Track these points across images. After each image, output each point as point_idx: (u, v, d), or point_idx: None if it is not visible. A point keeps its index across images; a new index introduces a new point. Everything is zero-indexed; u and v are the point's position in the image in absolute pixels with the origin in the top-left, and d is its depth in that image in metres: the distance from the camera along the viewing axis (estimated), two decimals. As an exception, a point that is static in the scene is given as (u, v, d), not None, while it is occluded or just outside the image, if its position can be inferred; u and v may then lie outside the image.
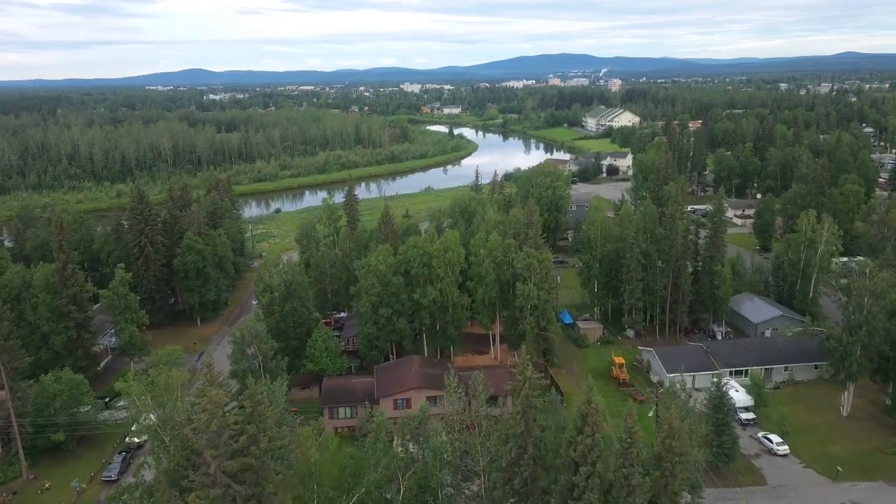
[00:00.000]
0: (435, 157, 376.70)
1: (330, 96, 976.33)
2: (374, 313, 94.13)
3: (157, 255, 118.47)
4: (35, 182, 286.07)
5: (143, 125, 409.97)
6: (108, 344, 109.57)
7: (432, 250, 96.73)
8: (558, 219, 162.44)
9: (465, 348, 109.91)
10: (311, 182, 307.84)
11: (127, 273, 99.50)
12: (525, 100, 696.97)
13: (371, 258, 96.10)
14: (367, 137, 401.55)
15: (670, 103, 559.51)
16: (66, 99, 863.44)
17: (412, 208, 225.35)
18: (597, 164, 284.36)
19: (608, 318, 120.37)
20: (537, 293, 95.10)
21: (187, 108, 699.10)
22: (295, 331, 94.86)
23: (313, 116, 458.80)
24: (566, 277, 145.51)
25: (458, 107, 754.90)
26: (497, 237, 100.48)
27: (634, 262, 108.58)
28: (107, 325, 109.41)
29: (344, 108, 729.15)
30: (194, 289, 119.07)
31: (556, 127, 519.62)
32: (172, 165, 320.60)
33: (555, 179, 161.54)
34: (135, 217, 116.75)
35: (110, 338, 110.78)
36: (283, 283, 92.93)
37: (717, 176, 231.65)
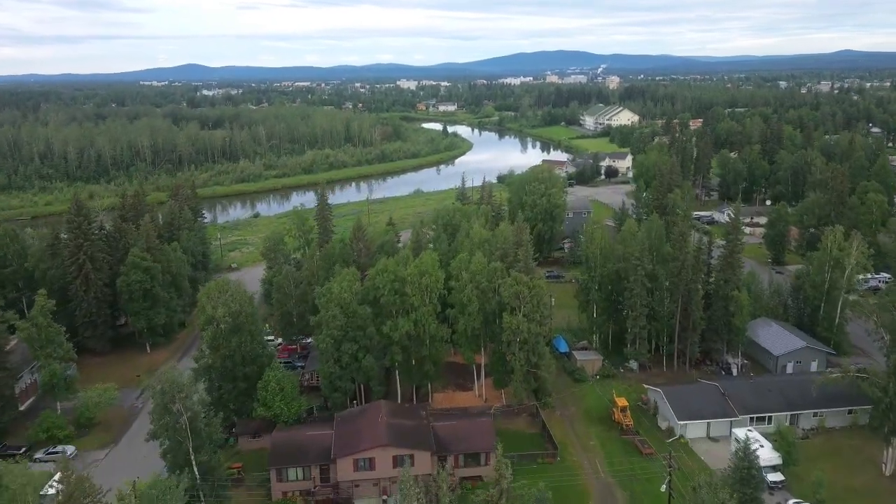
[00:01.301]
0: (427, 157, 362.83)
1: (325, 92, 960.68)
2: (337, 350, 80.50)
3: (98, 273, 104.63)
4: (4, 182, 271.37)
5: (128, 122, 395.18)
6: (36, 379, 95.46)
7: (406, 275, 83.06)
8: (553, 228, 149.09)
9: (445, 382, 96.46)
10: (296, 183, 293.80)
11: (49, 300, 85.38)
12: (522, 97, 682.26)
13: (334, 285, 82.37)
14: (358, 136, 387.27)
15: (670, 101, 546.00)
16: (56, 94, 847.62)
17: (399, 213, 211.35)
18: (595, 165, 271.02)
19: (608, 345, 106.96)
20: (527, 326, 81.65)
21: (178, 104, 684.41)
22: (244, 370, 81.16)
23: (302, 114, 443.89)
24: (562, 294, 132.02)
25: (454, 104, 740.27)
26: (482, 259, 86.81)
27: (639, 286, 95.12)
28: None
29: (338, 104, 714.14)
30: (141, 312, 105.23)
31: (554, 125, 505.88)
32: (152, 165, 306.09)
33: (549, 186, 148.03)
34: (72, 230, 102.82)
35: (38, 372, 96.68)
36: (229, 315, 79.20)
37: (723, 180, 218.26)
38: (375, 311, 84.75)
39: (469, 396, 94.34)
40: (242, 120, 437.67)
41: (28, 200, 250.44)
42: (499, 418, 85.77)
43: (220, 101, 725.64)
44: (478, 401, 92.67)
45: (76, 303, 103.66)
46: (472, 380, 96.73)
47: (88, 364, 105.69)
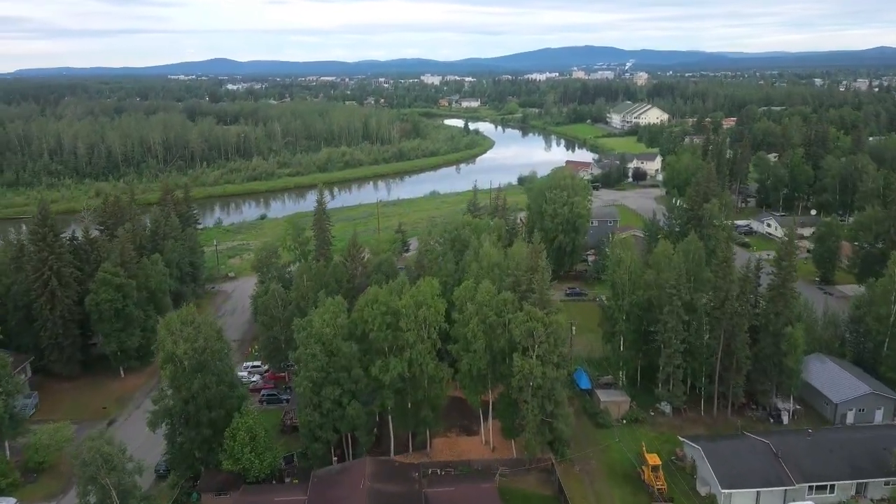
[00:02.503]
0: (447, 155, 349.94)
1: (348, 87, 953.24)
2: (317, 395, 68.54)
3: (65, 290, 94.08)
4: (12, 179, 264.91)
5: (144, 116, 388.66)
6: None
7: (399, 307, 70.72)
8: (576, 241, 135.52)
9: (448, 423, 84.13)
10: (309, 182, 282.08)
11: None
12: (547, 93, 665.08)
13: (315, 317, 70.35)
14: (376, 133, 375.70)
15: (701, 99, 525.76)
16: (83, 87, 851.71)
17: (411, 217, 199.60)
18: (622, 167, 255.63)
19: (636, 381, 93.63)
20: (542, 370, 68.84)
21: (201, 98, 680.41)
22: (209, 414, 69.63)
23: (321, 109, 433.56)
24: (585, 315, 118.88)
25: (478, 100, 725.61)
26: (490, 288, 74.05)
27: (674, 318, 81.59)
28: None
29: (361, 100, 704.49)
30: (112, 333, 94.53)
31: (579, 123, 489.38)
32: (163, 162, 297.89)
33: (572, 193, 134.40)
34: (36, 242, 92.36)
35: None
36: (192, 351, 67.67)
37: (762, 186, 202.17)
38: (363, 349, 72.63)
39: (474, 443, 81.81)
40: (260, 116, 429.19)
41: (33, 198, 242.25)
42: (507, 476, 73.24)
43: (242, 96, 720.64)
44: (484, 450, 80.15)
45: (41, 322, 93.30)
46: (478, 421, 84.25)
47: (54, 390, 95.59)
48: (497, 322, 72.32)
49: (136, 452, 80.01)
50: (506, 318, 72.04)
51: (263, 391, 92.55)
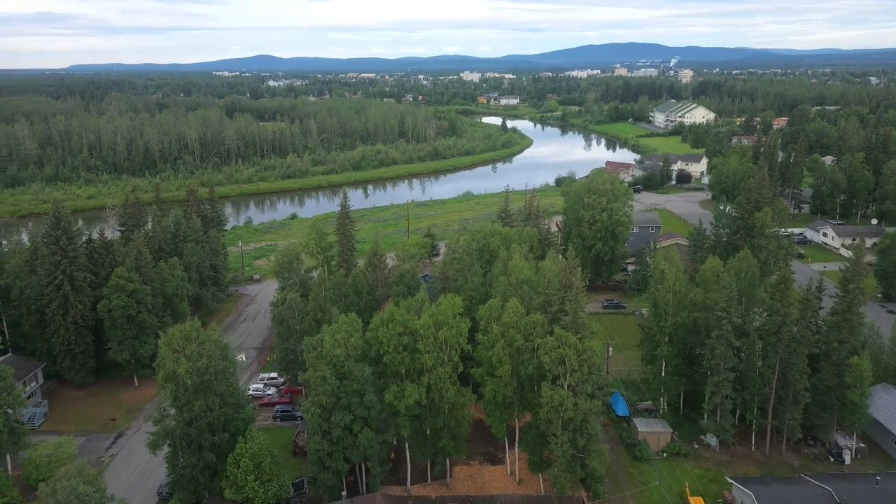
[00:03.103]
0: (483, 154, 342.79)
1: (388, 84, 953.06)
2: (326, 421, 63.04)
3: (79, 295, 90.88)
4: (52, 174, 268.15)
5: (184, 112, 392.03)
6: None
7: (417, 326, 64.68)
8: (614, 249, 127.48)
9: (471, 449, 77.72)
10: (343, 180, 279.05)
11: None
12: (588, 91, 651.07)
13: (326, 336, 64.81)
14: (412, 130, 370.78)
15: (749, 97, 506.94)
16: (130, 83, 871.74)
17: (443, 219, 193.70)
18: (665, 169, 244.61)
19: (679, 408, 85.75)
20: (573, 402, 61.95)
21: (243, 94, 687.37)
22: (212, 438, 64.82)
23: (357, 106, 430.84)
24: (623, 331, 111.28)
25: (517, 98, 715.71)
26: (517, 307, 67.34)
27: (723, 344, 73.57)
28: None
29: (399, 97, 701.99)
30: (124, 341, 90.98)
31: (620, 122, 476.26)
32: (199, 159, 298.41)
33: (612, 199, 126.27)
34: (49, 245, 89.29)
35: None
36: (194, 371, 62.88)
37: (817, 191, 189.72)
38: (378, 371, 66.82)
39: (499, 474, 75.27)
40: (298, 113, 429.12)
41: (71, 193, 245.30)
42: (533, 516, 66.66)
43: (282, 93, 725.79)
44: (509, 483, 73.56)
45: (53, 328, 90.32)
46: (503, 447, 77.70)
47: (66, 398, 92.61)
48: (525, 346, 65.64)
49: (141, 470, 76.66)
50: (534, 342, 65.28)
51: (277, 407, 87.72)
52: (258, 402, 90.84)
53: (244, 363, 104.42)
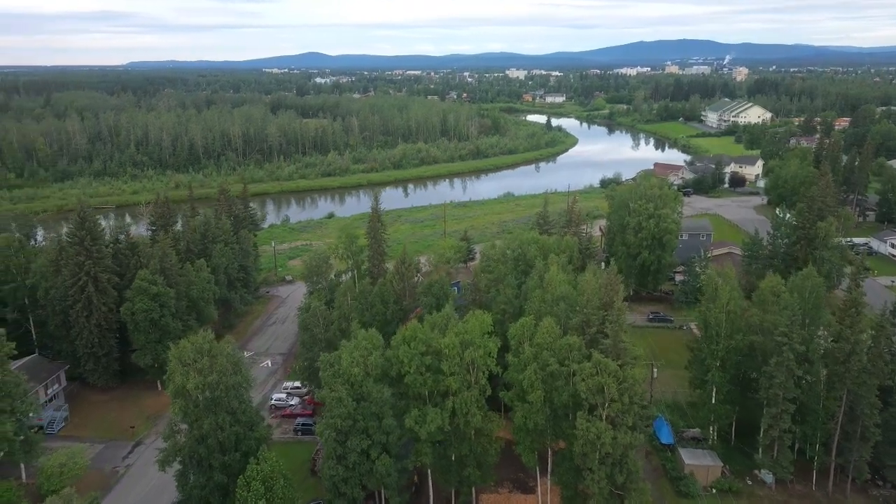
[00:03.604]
0: (525, 154, 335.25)
1: (433, 82, 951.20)
2: (342, 445, 58.55)
3: (103, 297, 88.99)
4: (100, 168, 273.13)
5: (231, 109, 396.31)
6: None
7: (442, 346, 59.57)
8: (661, 259, 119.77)
9: (500, 476, 72.26)
10: (382, 179, 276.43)
11: (9, 344, 69.04)
12: (637, 89, 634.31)
13: (344, 354, 60.26)
14: (454, 129, 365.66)
15: (808, 97, 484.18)
16: (182, 80, 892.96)
17: (481, 221, 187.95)
18: (717, 171, 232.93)
19: (730, 439, 78.41)
20: (612, 435, 55.89)
21: (289, 91, 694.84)
22: (222, 458, 61.09)
23: (400, 104, 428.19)
24: (669, 346, 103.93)
25: (563, 95, 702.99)
26: (552, 327, 61.51)
27: (783, 373, 66.14)
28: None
29: (443, 94, 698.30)
30: (147, 345, 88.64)
31: (670, 121, 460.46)
32: (242, 155, 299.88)
33: (660, 205, 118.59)
34: (74, 245, 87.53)
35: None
36: (204, 386, 59.21)
37: (883, 198, 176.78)
38: (399, 392, 61.96)
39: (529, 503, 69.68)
40: (341, 110, 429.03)
41: (117, 188, 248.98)
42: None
43: (327, 90, 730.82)
44: (540, 517, 67.86)
45: (77, 330, 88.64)
46: (534, 475, 71.94)
47: (88, 401, 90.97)
48: (559, 371, 59.79)
49: (155, 483, 73.71)
50: (570, 367, 59.37)
51: (299, 420, 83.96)
52: (280, 413, 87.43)
53: (269, 369, 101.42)
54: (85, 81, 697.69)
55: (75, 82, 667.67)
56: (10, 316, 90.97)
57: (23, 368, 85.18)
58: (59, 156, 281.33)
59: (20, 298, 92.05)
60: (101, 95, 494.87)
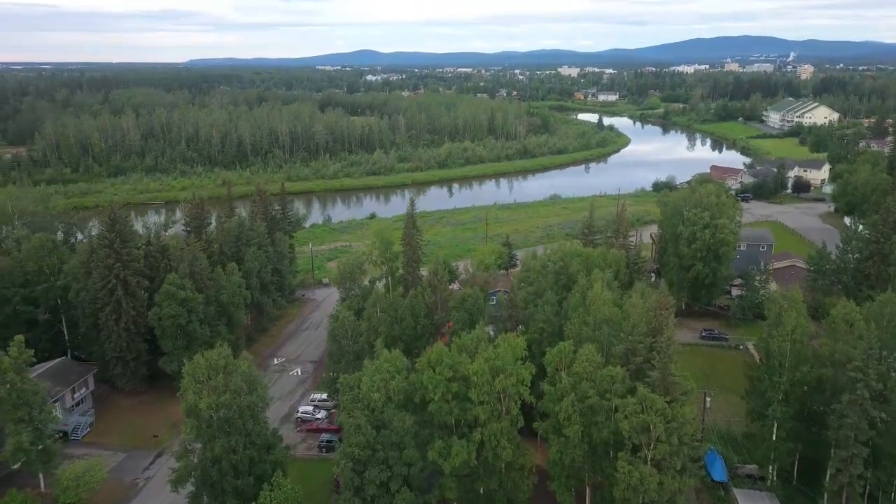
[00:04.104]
0: (575, 154, 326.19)
1: (483, 79, 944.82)
2: (359, 476, 54.28)
3: (132, 300, 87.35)
4: (151, 164, 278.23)
5: (280, 106, 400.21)
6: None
7: (470, 372, 54.63)
8: (717, 272, 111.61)
9: None
10: (426, 179, 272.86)
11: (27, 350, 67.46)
12: (694, 87, 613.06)
13: (364, 377, 55.95)
14: (501, 127, 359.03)
15: (879, 96, 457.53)
16: (238, 77, 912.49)
17: (526, 225, 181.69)
18: (780, 175, 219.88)
19: (792, 478, 70.79)
20: (658, 480, 49.89)
21: (340, 88, 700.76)
22: (235, 482, 57.70)
23: (448, 102, 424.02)
24: (724, 368, 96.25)
25: (616, 94, 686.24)
26: (593, 355, 55.78)
27: (856, 412, 58.57)
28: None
29: (493, 92, 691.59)
30: (174, 351, 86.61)
31: (729, 121, 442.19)
32: (289, 153, 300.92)
33: (717, 214, 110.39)
34: (104, 247, 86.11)
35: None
36: (218, 406, 55.85)
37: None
38: (422, 420, 57.29)
39: (564, 544, 63.82)
40: (389, 108, 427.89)
41: (167, 184, 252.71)
42: None
43: (377, 87, 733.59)
44: (575, 558, 62.03)
45: (105, 333, 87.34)
46: (572, 508, 66.07)
47: (115, 406, 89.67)
48: (599, 405, 54.02)
49: (173, 500, 71.00)
50: (612, 401, 53.53)
51: (323, 436, 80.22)
52: (306, 427, 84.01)
53: (299, 377, 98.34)
54: (145, 78, 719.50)
55: (135, 79, 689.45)
56: (41, 317, 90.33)
57: (51, 371, 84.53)
58: (113, 151, 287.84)
59: (52, 299, 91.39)
60: (158, 92, 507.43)
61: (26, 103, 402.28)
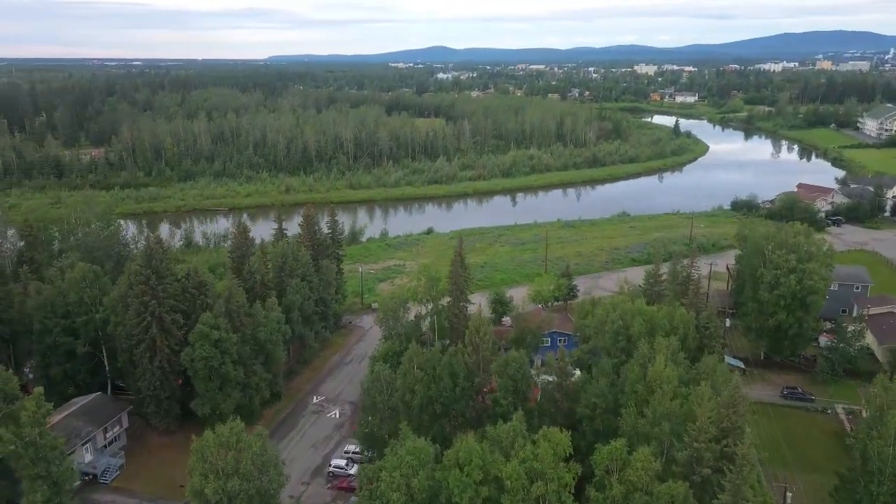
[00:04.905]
0: (648, 163, 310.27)
1: (555, 77, 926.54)
2: (373, 585, 48.07)
3: (166, 339, 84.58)
4: (219, 169, 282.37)
5: (347, 109, 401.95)
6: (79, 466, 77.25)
7: (504, 475, 47.31)
8: (803, 322, 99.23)
9: None
10: (489, 188, 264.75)
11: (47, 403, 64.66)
12: (781, 89, 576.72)
13: (384, 472, 49.50)
14: (570, 133, 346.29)
15: None
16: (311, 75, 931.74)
17: (588, 247, 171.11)
18: (877, 196, 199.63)
19: None
20: None
21: (410, 88, 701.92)
22: (243, 572, 52.66)
23: (516, 105, 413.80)
24: (807, 437, 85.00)
25: (695, 95, 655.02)
26: (649, 461, 47.29)
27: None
28: (76, 437, 77.61)
29: (564, 92, 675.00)
30: (206, 393, 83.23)
31: (819, 127, 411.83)
32: (353, 159, 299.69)
33: (805, 258, 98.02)
34: (139, 284, 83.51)
35: (84, 455, 78.97)
36: (224, 493, 50.78)
37: None
38: (447, 524, 50.39)
39: None
40: (456, 111, 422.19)
41: (232, 190, 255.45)
42: None
43: (447, 87, 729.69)
44: None
45: (140, 371, 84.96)
46: None
47: (148, 445, 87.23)
48: (655, 528, 45.59)
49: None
50: (671, 524, 45.02)
51: (353, 499, 74.53)
52: (337, 484, 78.79)
53: (336, 421, 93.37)
54: (224, 77, 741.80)
55: (214, 78, 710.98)
56: (80, 350, 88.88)
57: (84, 409, 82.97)
58: (184, 155, 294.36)
59: (91, 331, 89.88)
60: (233, 93, 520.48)
61: (109, 104, 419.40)
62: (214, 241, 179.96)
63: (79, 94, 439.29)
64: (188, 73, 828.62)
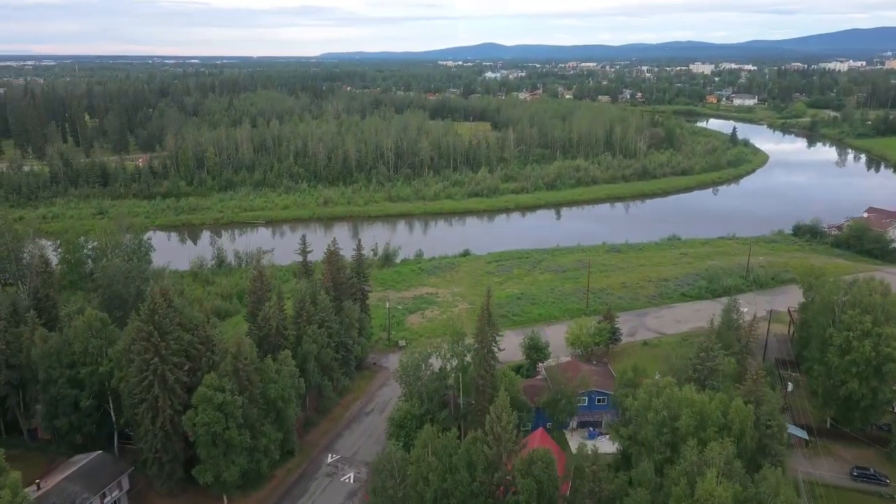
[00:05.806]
0: (701, 175, 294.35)
1: (606, 77, 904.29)
2: None
3: (169, 399, 79.19)
4: (260, 179, 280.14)
5: (390, 115, 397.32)
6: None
7: None
8: (878, 392, 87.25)
9: None
10: (533, 202, 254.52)
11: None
12: (848, 92, 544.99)
13: None
14: (620, 142, 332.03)
15: None
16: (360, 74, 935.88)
17: (633, 277, 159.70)
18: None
19: None
20: None
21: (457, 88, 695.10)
22: None
23: (564, 111, 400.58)
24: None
25: (754, 97, 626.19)
26: None
27: None
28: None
29: (615, 93, 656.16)
30: (209, 460, 77.43)
31: (890, 136, 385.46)
32: (393, 169, 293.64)
33: (882, 319, 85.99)
34: (142, 341, 78.23)
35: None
36: None
37: None
38: None
39: None
40: (502, 117, 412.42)
41: (270, 201, 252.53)
42: None
43: (495, 87, 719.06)
44: None
45: (142, 431, 79.88)
46: None
47: None
48: None
49: None
50: None
51: None
52: (343, 570, 71.90)
53: (350, 487, 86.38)
54: (273, 77, 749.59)
55: (263, 79, 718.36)
56: (83, 403, 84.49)
57: (83, 470, 78.47)
58: (226, 164, 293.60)
59: (96, 384, 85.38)
60: (281, 96, 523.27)
61: (159, 109, 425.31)
62: (246, 260, 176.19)
63: (132, 97, 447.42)
64: (240, 73, 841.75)
